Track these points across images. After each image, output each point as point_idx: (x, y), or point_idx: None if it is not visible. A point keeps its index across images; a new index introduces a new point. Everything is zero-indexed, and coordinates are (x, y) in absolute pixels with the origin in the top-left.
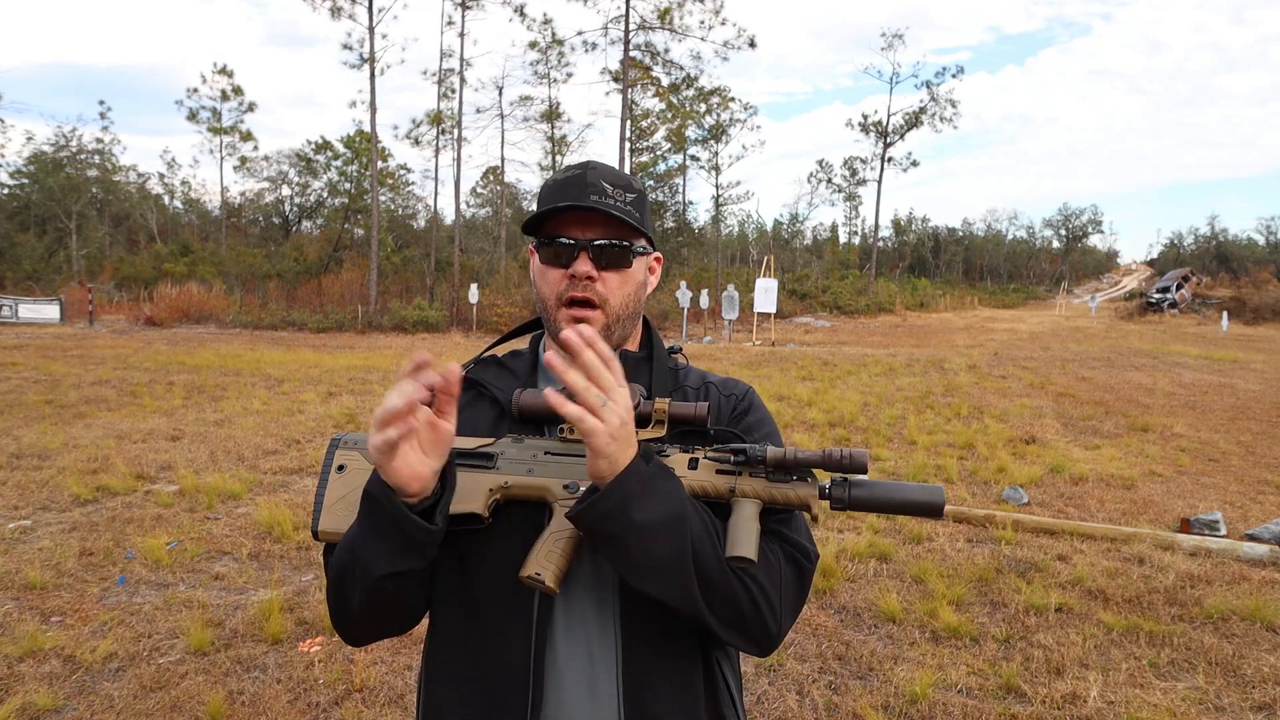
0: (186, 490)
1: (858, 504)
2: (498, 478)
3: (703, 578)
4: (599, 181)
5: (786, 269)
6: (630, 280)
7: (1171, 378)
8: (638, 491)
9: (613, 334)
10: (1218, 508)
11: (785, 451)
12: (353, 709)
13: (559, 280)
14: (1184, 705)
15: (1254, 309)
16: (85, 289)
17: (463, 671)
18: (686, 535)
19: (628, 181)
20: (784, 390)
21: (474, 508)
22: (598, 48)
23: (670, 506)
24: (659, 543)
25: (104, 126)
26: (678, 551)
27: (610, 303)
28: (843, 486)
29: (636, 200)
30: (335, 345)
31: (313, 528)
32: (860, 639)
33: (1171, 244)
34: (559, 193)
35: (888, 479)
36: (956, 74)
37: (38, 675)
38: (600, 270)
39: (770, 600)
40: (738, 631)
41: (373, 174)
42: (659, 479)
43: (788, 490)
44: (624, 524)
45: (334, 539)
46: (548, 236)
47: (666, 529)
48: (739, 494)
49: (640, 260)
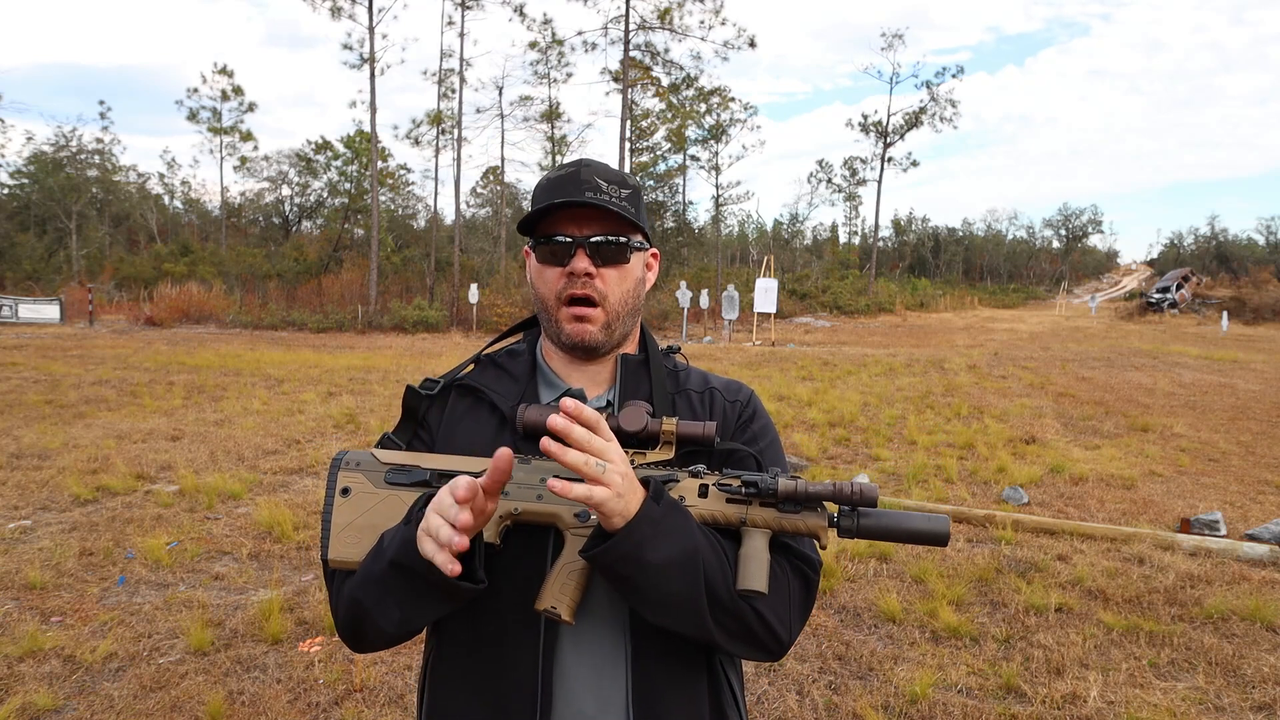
0: (186, 490)
1: (866, 533)
2: (507, 504)
3: (715, 606)
4: (593, 178)
5: (786, 269)
6: (629, 276)
7: (1171, 378)
8: (650, 534)
9: (614, 331)
10: (1218, 508)
11: (796, 484)
12: (353, 709)
13: (557, 279)
14: (1184, 705)
15: (1254, 309)
16: (85, 289)
17: (469, 676)
18: (699, 571)
19: (622, 178)
20: (784, 390)
21: (486, 536)
22: (598, 48)
23: (683, 545)
24: (672, 581)
25: (104, 126)
26: (691, 587)
27: (610, 299)
28: (851, 516)
29: (631, 196)
30: (335, 345)
31: (322, 554)
32: (860, 639)
33: (1171, 244)
34: (553, 191)
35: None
36: (956, 74)
37: (38, 675)
38: (598, 267)
39: (779, 615)
40: (747, 645)
41: (373, 174)
42: (670, 518)
43: (798, 521)
44: (638, 566)
45: (344, 566)
46: (544, 235)
47: (679, 568)
48: (749, 524)
49: (638, 256)
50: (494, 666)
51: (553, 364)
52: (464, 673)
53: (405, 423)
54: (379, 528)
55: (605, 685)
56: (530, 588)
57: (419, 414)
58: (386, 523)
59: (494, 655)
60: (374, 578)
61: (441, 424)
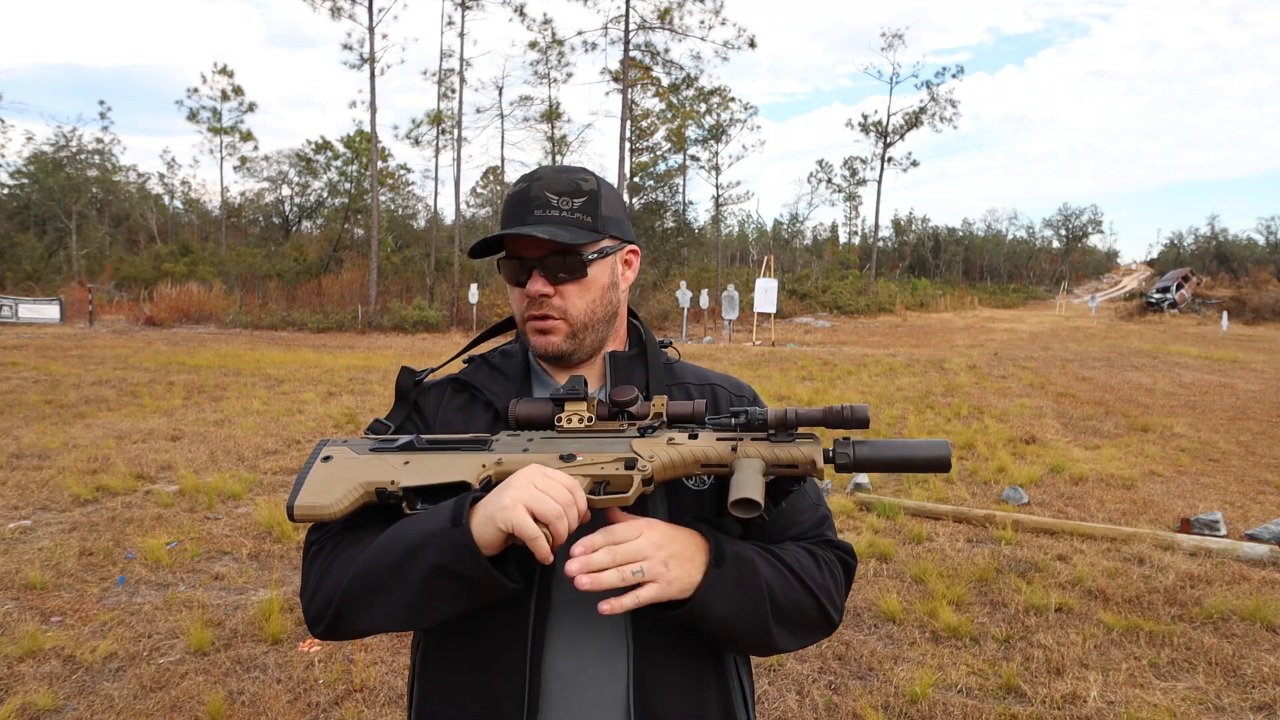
0: (186, 490)
1: (863, 464)
2: (491, 455)
3: (781, 621)
4: (543, 193)
5: (786, 269)
6: (591, 287)
7: (1171, 378)
8: (715, 598)
9: (582, 340)
10: (1218, 508)
11: (786, 411)
12: (353, 709)
13: (520, 298)
14: (1184, 705)
15: (1254, 309)
16: (85, 289)
17: (458, 676)
18: (766, 608)
19: (575, 185)
20: (784, 390)
21: (465, 476)
22: (598, 48)
23: (749, 591)
24: (741, 624)
25: (104, 126)
26: (758, 623)
27: (571, 313)
28: (848, 447)
29: (587, 203)
30: (335, 345)
31: (288, 505)
32: (860, 639)
33: (1171, 244)
34: (506, 211)
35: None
36: (956, 74)
37: (38, 675)
38: (557, 285)
39: (833, 598)
40: (808, 637)
41: (373, 174)
42: (734, 573)
43: (792, 449)
44: (708, 621)
45: (311, 516)
46: (502, 256)
47: (746, 611)
48: (741, 455)
49: (601, 264)
50: (483, 670)
51: (543, 364)
52: (453, 673)
53: (399, 405)
54: (354, 480)
55: (605, 686)
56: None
57: (411, 398)
58: (365, 477)
59: (483, 655)
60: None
61: (437, 417)
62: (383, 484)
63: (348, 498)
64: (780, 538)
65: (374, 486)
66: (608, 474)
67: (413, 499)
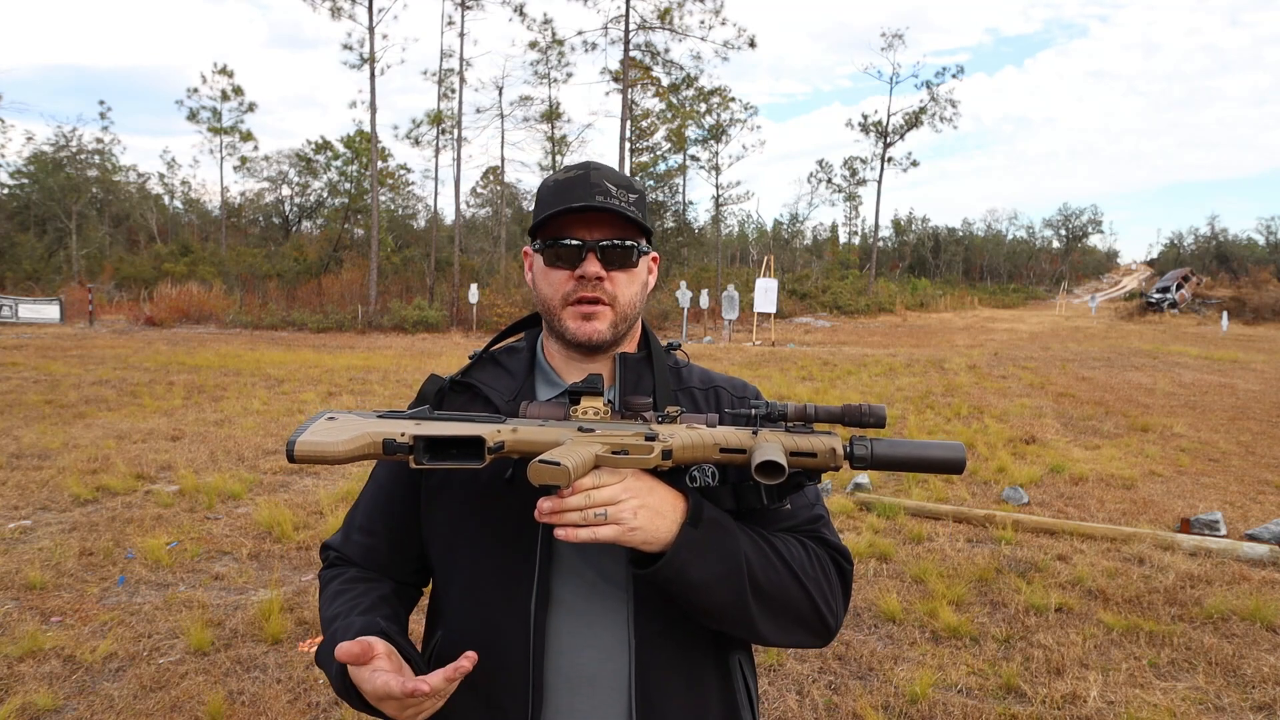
0: (186, 490)
1: (880, 462)
2: (507, 425)
3: (762, 601)
4: (602, 182)
5: (786, 269)
6: (636, 279)
7: (1171, 378)
8: (690, 558)
9: (620, 331)
10: (1218, 508)
11: (806, 406)
12: (353, 709)
13: (564, 282)
14: (1184, 705)
15: (1254, 309)
16: (85, 289)
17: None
18: (744, 580)
19: (629, 182)
20: (784, 390)
21: (481, 433)
22: (598, 48)
23: (726, 559)
24: (718, 593)
25: (104, 127)
26: (737, 596)
27: (619, 301)
28: (865, 444)
29: (638, 200)
30: (335, 345)
31: (288, 444)
32: (860, 639)
33: (1171, 244)
34: (562, 194)
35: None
36: (956, 74)
37: (38, 675)
38: (608, 270)
39: (827, 597)
40: (799, 633)
41: (373, 174)
42: (710, 536)
43: (811, 438)
44: (682, 584)
45: (312, 456)
46: (552, 238)
47: (723, 581)
48: (761, 440)
49: (643, 260)
50: (485, 666)
51: (553, 361)
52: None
53: (417, 404)
54: (361, 429)
55: (607, 681)
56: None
57: (432, 402)
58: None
59: (485, 651)
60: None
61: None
62: (391, 435)
63: (354, 443)
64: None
65: (381, 437)
66: (627, 443)
67: (421, 452)
